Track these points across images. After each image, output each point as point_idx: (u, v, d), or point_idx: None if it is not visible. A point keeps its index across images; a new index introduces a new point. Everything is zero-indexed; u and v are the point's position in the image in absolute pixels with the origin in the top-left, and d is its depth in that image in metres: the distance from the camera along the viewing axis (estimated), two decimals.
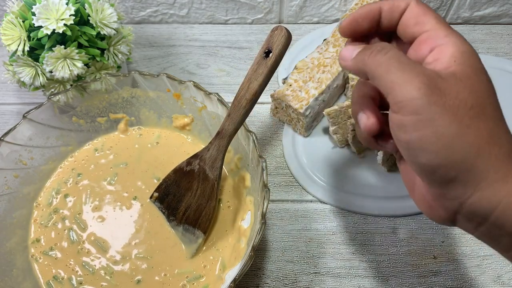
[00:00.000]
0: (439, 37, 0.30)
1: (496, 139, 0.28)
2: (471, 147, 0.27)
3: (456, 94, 0.28)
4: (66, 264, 0.47)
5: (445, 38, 0.30)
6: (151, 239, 0.49)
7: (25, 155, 0.50)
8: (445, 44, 0.30)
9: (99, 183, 0.52)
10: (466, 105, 0.28)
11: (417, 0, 0.33)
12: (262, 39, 0.71)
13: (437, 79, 0.28)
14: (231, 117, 0.46)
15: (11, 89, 0.66)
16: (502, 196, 0.27)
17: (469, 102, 0.28)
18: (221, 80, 0.66)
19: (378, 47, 0.31)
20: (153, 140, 0.56)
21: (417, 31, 0.32)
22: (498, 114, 0.29)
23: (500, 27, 0.72)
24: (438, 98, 0.27)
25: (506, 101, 0.63)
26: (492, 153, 0.28)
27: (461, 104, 0.28)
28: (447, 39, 0.30)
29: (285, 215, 0.54)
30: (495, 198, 0.27)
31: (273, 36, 0.46)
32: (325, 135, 0.60)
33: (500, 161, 0.27)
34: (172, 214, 0.49)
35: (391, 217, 0.54)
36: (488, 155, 0.27)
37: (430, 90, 0.28)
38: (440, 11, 0.71)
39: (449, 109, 0.27)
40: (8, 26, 0.51)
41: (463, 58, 0.29)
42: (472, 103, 0.28)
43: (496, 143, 0.28)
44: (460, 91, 0.28)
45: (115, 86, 0.53)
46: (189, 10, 0.71)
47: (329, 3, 0.70)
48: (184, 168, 0.49)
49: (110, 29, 0.53)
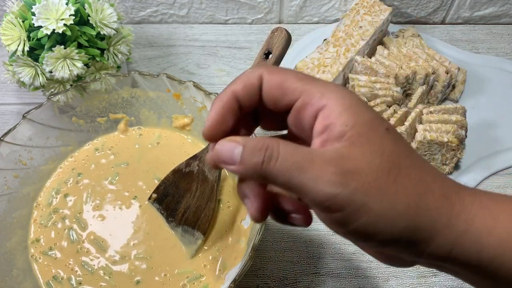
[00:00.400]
0: (316, 99, 0.27)
1: (427, 188, 0.27)
2: (408, 209, 0.26)
3: (368, 167, 0.25)
4: (66, 264, 0.47)
5: (322, 98, 0.27)
6: (151, 240, 0.49)
7: (25, 155, 0.50)
8: (327, 106, 0.27)
9: (100, 183, 0.52)
10: (384, 172, 0.26)
11: (269, 69, 0.29)
12: (262, 39, 0.70)
13: (342, 160, 0.25)
14: None
15: (11, 89, 0.66)
16: (454, 239, 0.27)
17: (385, 167, 0.26)
18: (221, 80, 0.66)
19: (262, 151, 0.26)
20: (154, 140, 0.56)
21: (288, 101, 0.28)
22: (415, 160, 0.27)
23: (500, 27, 0.72)
24: (355, 181, 0.25)
25: (506, 101, 0.64)
26: (430, 204, 0.27)
27: (379, 175, 0.26)
28: (325, 99, 0.27)
29: None
30: (447, 243, 0.27)
31: (273, 38, 0.46)
32: None
33: (440, 208, 0.27)
34: (171, 215, 0.49)
35: None
36: (426, 207, 0.26)
37: (343, 178, 0.25)
38: (440, 11, 0.71)
39: (371, 187, 0.25)
40: (8, 26, 0.51)
41: (353, 117, 0.26)
42: (387, 166, 0.26)
43: (429, 191, 0.27)
44: (370, 161, 0.26)
45: (115, 86, 0.53)
46: (189, 10, 0.71)
47: (329, 3, 0.70)
48: (183, 169, 0.49)
49: (110, 29, 0.53)
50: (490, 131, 0.60)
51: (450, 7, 0.70)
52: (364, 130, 0.26)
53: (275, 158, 0.26)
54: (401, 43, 0.63)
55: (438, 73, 0.59)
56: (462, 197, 0.28)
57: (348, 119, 0.26)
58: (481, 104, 0.62)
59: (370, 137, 0.26)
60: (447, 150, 0.53)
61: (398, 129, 0.53)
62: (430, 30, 0.72)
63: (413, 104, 0.56)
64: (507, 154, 0.58)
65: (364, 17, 0.63)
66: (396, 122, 0.54)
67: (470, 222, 0.27)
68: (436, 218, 0.27)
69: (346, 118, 0.26)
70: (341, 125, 0.26)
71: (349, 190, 0.25)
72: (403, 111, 0.55)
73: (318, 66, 0.59)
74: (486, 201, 0.29)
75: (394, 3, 0.69)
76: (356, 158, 0.26)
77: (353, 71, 0.61)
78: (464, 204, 0.28)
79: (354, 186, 0.25)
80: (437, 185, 0.27)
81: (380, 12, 0.64)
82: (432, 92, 0.61)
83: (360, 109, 0.27)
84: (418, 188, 0.27)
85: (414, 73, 0.58)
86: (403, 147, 0.27)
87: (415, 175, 0.27)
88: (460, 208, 0.27)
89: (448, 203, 0.27)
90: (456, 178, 0.56)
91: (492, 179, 0.57)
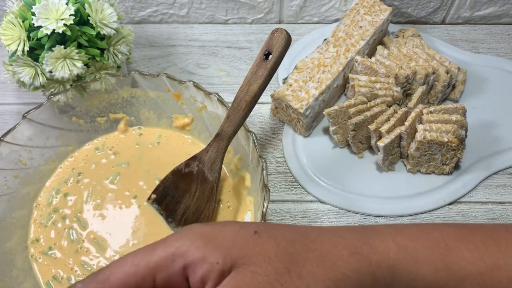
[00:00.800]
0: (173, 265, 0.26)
1: (335, 256, 0.27)
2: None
3: (265, 279, 0.24)
4: (65, 264, 0.47)
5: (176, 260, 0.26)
6: (150, 240, 0.48)
7: (25, 155, 0.50)
8: (190, 261, 0.26)
9: (101, 182, 0.52)
10: (283, 274, 0.25)
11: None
12: (262, 39, 0.70)
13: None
14: (230, 119, 0.46)
15: (11, 89, 0.66)
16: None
17: (281, 271, 0.25)
18: (221, 80, 0.66)
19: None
20: (154, 140, 0.56)
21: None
22: (307, 244, 0.27)
23: (500, 27, 0.72)
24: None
25: (506, 101, 0.64)
26: (344, 270, 0.26)
27: (280, 279, 0.25)
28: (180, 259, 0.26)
29: (285, 215, 0.54)
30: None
31: (273, 39, 0.46)
32: (325, 135, 0.60)
33: (357, 269, 0.26)
34: (170, 216, 0.49)
35: (391, 217, 0.54)
36: (344, 277, 0.26)
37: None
38: (440, 11, 0.71)
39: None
40: (8, 26, 0.51)
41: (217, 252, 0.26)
42: (283, 267, 0.25)
43: (337, 259, 0.27)
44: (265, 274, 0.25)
45: (115, 86, 0.53)
46: (189, 10, 0.71)
47: (329, 3, 0.70)
48: (182, 170, 0.49)
49: (110, 29, 0.53)
50: (490, 131, 0.60)
51: (450, 7, 0.70)
52: (234, 253, 0.25)
53: None
54: (401, 43, 0.63)
55: (438, 73, 0.59)
56: (374, 246, 0.27)
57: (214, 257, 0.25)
58: (481, 104, 0.62)
59: (245, 255, 0.25)
60: (447, 150, 0.53)
61: (398, 129, 0.53)
62: (430, 30, 0.72)
63: (413, 104, 0.56)
64: (507, 154, 0.58)
65: (364, 17, 0.63)
66: (396, 122, 0.54)
67: (393, 270, 0.27)
68: (361, 284, 0.26)
69: (212, 258, 0.25)
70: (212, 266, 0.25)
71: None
72: (403, 111, 0.55)
73: (318, 66, 0.59)
74: (402, 240, 0.28)
75: (394, 3, 0.69)
76: (254, 284, 0.24)
77: (353, 71, 0.61)
78: (379, 251, 0.27)
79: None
80: (342, 246, 0.27)
81: (380, 12, 0.64)
82: (432, 92, 0.61)
83: (215, 237, 0.26)
84: (326, 264, 0.26)
85: (414, 73, 0.58)
86: (284, 243, 0.26)
87: (315, 256, 0.26)
88: (376, 257, 0.27)
89: (361, 258, 0.26)
90: (456, 178, 0.56)
91: (492, 179, 0.57)
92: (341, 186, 0.56)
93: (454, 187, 0.56)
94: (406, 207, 0.54)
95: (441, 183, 0.56)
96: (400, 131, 0.53)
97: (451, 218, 0.54)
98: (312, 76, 0.58)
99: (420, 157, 0.55)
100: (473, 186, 0.56)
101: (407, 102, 0.59)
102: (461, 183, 0.56)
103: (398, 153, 0.56)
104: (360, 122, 0.54)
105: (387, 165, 0.56)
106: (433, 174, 0.57)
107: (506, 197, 0.56)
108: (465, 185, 0.56)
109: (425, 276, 0.27)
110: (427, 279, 0.27)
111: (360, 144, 0.57)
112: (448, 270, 0.27)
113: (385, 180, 0.56)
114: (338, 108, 0.54)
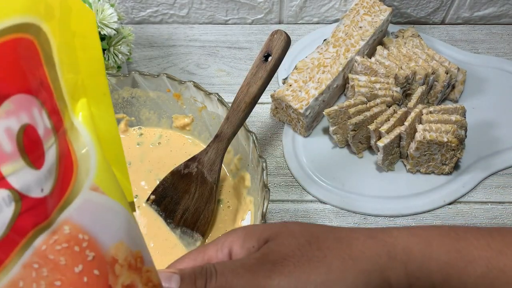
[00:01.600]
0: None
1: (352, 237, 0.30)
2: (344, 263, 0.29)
3: (290, 251, 0.28)
4: None
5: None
6: (150, 241, 0.49)
7: None
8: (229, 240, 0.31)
9: None
10: (305, 246, 0.29)
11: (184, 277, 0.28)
12: (262, 40, 0.71)
13: (267, 256, 0.28)
14: (229, 120, 0.46)
15: None
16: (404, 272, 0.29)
17: (304, 243, 0.29)
18: (221, 80, 0.66)
19: (201, 279, 0.28)
20: (155, 141, 0.56)
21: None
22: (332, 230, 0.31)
23: (500, 27, 0.72)
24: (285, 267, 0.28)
25: (506, 101, 0.64)
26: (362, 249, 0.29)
27: (302, 250, 0.29)
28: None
29: (285, 215, 0.54)
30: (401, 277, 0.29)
31: (273, 40, 0.46)
32: (325, 135, 0.60)
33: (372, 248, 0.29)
34: (169, 217, 0.49)
35: (390, 217, 0.54)
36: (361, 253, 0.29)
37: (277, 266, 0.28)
38: (440, 11, 0.71)
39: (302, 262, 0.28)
40: None
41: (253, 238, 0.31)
42: (307, 241, 0.29)
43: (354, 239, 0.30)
44: (290, 244, 0.29)
45: (115, 86, 0.53)
46: (189, 10, 0.71)
47: (329, 3, 0.70)
48: (181, 171, 0.49)
49: (110, 29, 0.53)
50: (490, 131, 0.61)
51: (450, 7, 0.70)
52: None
53: (213, 283, 0.28)
54: (401, 43, 0.63)
55: (438, 73, 0.59)
56: (389, 232, 0.31)
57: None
58: (481, 104, 0.62)
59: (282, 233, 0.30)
60: (447, 150, 0.53)
61: (397, 129, 0.54)
62: (430, 30, 0.72)
63: (413, 104, 0.56)
64: (507, 154, 0.59)
65: (364, 17, 0.63)
66: (395, 122, 0.54)
67: (408, 251, 0.29)
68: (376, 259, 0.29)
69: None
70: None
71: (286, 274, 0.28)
72: (403, 111, 0.55)
73: (318, 66, 0.59)
74: (415, 230, 0.31)
75: (394, 3, 0.69)
76: (279, 250, 0.29)
77: (353, 71, 0.61)
78: (393, 236, 0.30)
79: (288, 270, 0.28)
80: (359, 233, 0.30)
81: (380, 12, 0.64)
82: (431, 92, 0.61)
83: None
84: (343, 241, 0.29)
85: (414, 73, 0.58)
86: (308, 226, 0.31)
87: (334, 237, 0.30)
88: (392, 240, 0.30)
89: (377, 241, 0.30)
90: (456, 178, 0.56)
91: (492, 179, 0.57)
92: (341, 186, 0.56)
93: (454, 187, 0.56)
94: (406, 207, 0.54)
95: (441, 183, 0.56)
96: (400, 131, 0.53)
97: (451, 218, 0.54)
98: (312, 76, 0.58)
99: (419, 157, 0.55)
100: (472, 186, 0.56)
101: (406, 102, 0.59)
102: (461, 183, 0.56)
103: (398, 153, 0.57)
104: (360, 122, 0.54)
105: (386, 165, 0.56)
106: (432, 174, 0.57)
107: (505, 197, 0.56)
108: (465, 185, 0.56)
109: (438, 256, 0.29)
110: (440, 258, 0.29)
111: (360, 144, 0.57)
112: (458, 253, 0.30)
113: (385, 180, 0.56)
114: (338, 108, 0.54)
